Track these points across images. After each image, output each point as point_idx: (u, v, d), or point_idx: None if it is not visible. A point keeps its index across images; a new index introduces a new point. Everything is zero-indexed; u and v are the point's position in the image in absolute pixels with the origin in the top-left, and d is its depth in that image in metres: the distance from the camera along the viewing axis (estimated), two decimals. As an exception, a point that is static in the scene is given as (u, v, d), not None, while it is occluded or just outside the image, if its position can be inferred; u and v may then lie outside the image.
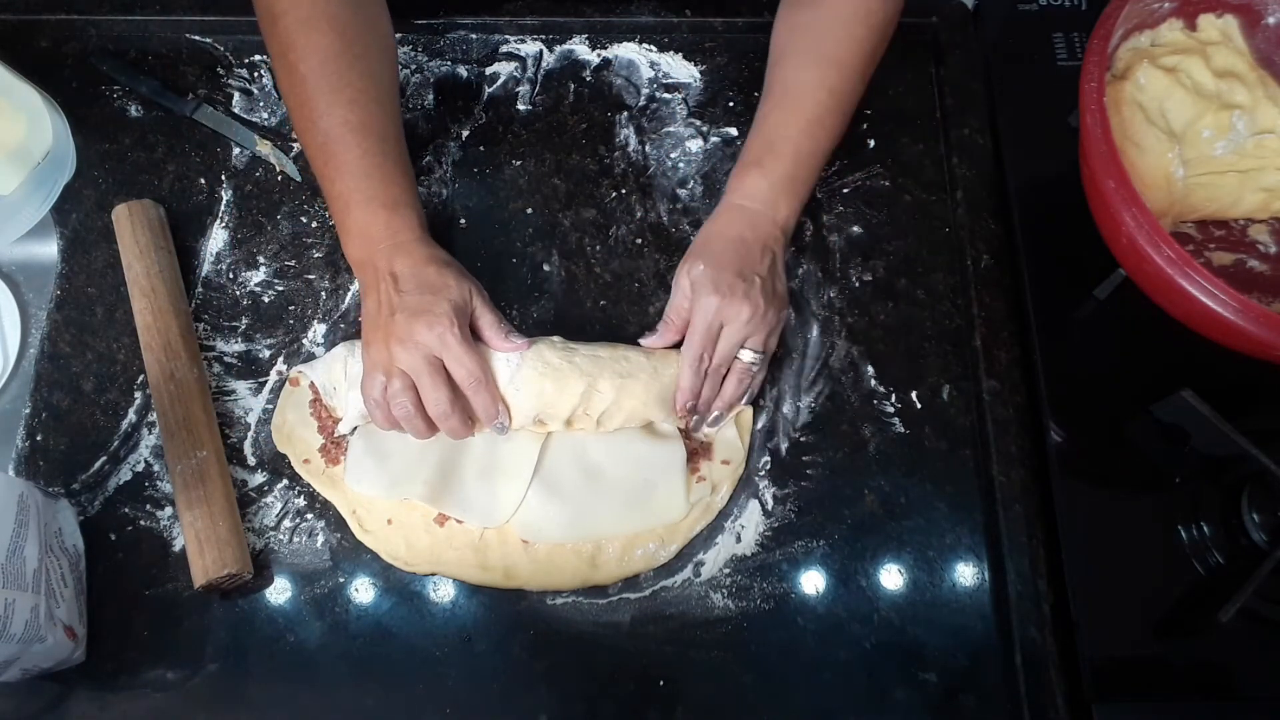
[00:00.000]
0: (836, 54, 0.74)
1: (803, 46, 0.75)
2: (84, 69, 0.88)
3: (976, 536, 0.72)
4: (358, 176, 0.68)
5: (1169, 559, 0.69)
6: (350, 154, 0.68)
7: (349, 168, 0.68)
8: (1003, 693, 0.67)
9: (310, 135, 0.69)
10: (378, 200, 0.68)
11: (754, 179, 0.73)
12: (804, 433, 0.75)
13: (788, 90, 0.75)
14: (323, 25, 0.69)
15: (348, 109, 0.68)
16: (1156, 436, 0.72)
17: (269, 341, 0.78)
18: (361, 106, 0.69)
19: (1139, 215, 0.65)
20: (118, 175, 0.84)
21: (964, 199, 0.82)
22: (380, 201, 0.68)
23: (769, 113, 0.75)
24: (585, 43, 0.89)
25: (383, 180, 0.69)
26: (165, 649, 0.68)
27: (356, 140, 0.68)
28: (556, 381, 0.69)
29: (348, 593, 0.70)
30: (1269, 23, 0.80)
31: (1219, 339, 0.67)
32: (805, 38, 0.75)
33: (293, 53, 0.69)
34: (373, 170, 0.69)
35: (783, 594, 0.70)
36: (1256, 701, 0.65)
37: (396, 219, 0.69)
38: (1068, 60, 0.85)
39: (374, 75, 0.71)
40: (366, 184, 0.68)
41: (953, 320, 0.78)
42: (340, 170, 0.68)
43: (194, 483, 0.69)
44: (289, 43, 0.69)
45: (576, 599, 0.70)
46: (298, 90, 0.69)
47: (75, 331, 0.78)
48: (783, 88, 0.75)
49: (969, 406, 0.75)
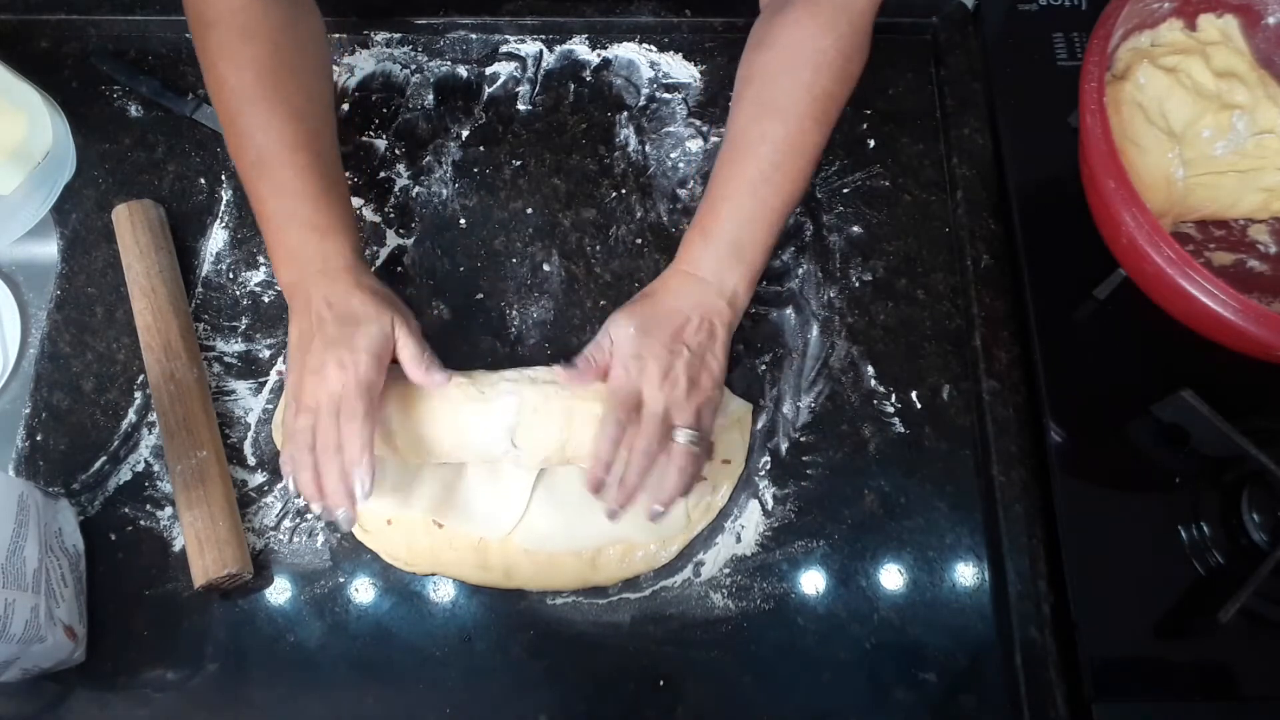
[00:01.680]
0: (782, 102, 0.68)
1: (749, 96, 0.70)
2: (84, 69, 0.88)
3: (976, 536, 0.72)
4: (290, 197, 0.65)
5: (1169, 559, 0.69)
6: (284, 173, 0.65)
7: (282, 187, 0.65)
8: (1003, 693, 0.67)
9: (243, 151, 0.67)
10: (309, 223, 0.65)
11: (699, 247, 0.68)
12: (804, 433, 0.75)
13: (733, 143, 0.70)
14: (257, 37, 0.66)
15: (283, 125, 0.66)
16: (1156, 436, 0.72)
17: (269, 341, 0.78)
18: (296, 123, 0.66)
19: (1139, 215, 0.65)
20: (118, 175, 0.84)
21: (964, 199, 0.82)
22: (312, 225, 0.66)
23: (717, 169, 0.70)
24: (585, 43, 0.89)
25: (315, 202, 0.66)
26: (165, 649, 0.68)
27: (290, 158, 0.65)
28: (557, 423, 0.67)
29: (348, 593, 0.70)
30: (1269, 23, 0.80)
31: (1219, 339, 0.67)
32: (753, 87, 0.70)
33: (224, 63, 0.66)
34: (306, 191, 0.66)
35: (783, 594, 0.70)
36: (1256, 701, 0.65)
37: (328, 244, 0.66)
38: (1068, 60, 0.85)
39: (309, 91, 0.69)
40: (299, 205, 0.65)
41: (953, 320, 0.78)
42: (273, 189, 0.66)
43: (194, 483, 0.69)
44: (221, 53, 0.66)
45: (576, 599, 0.70)
46: (230, 103, 0.67)
47: (75, 331, 0.78)
48: (730, 144, 0.70)
49: (969, 406, 0.75)
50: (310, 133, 0.67)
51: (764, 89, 0.70)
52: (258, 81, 0.66)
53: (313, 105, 0.69)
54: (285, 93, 0.67)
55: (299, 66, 0.69)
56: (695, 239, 0.69)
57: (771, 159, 0.68)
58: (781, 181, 0.68)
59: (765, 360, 0.77)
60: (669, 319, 0.66)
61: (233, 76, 0.66)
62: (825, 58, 0.69)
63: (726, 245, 0.67)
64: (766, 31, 0.72)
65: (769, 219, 0.68)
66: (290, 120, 0.66)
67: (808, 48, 0.69)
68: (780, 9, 0.72)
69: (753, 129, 0.69)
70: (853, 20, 0.70)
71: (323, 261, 0.66)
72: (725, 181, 0.69)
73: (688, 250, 0.69)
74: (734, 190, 0.68)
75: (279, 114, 0.66)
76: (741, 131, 0.69)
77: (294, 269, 0.66)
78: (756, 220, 0.68)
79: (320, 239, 0.66)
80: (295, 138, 0.66)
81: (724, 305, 0.67)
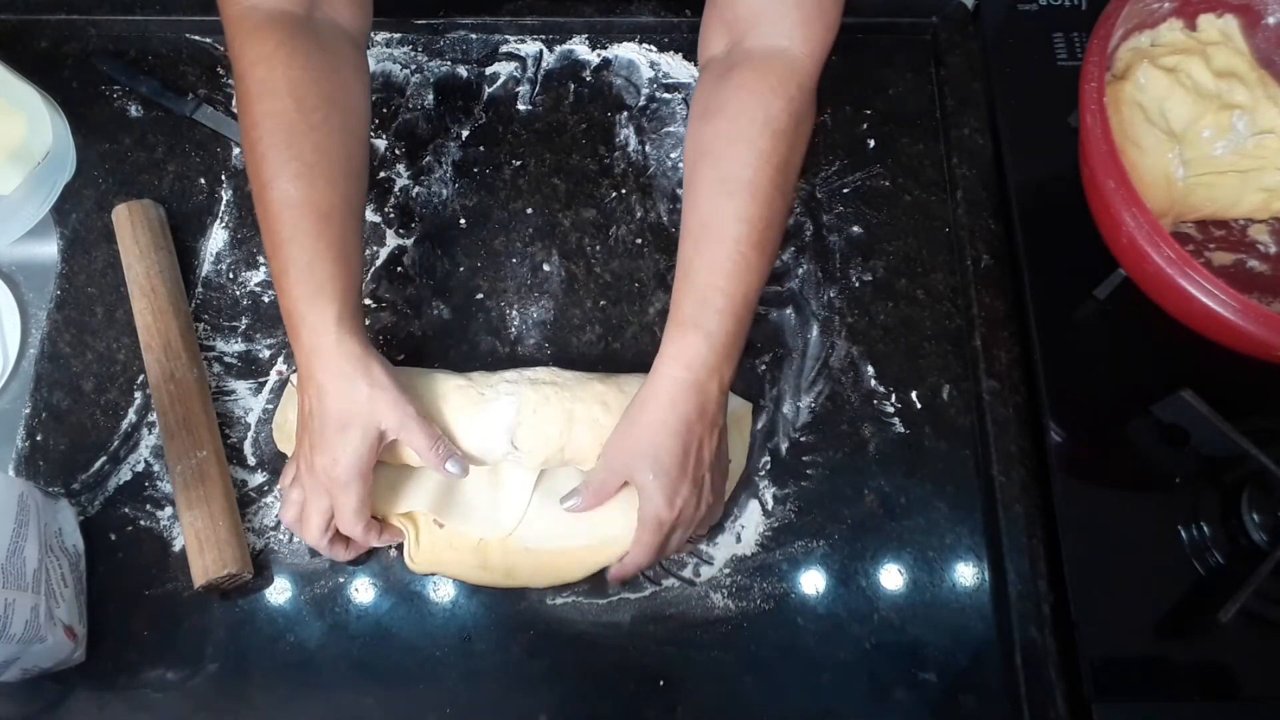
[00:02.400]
0: (744, 175, 0.65)
1: (709, 172, 0.66)
2: (84, 69, 0.88)
3: (976, 536, 0.72)
4: (285, 259, 0.63)
5: (1169, 559, 0.69)
6: (283, 233, 0.63)
7: (280, 249, 0.64)
8: (1003, 693, 0.67)
9: (258, 205, 0.66)
10: (297, 290, 0.63)
11: (695, 343, 0.63)
12: (804, 433, 0.75)
13: (705, 227, 0.65)
14: (280, 90, 0.64)
15: (290, 183, 0.63)
16: (1156, 436, 0.72)
17: (269, 341, 0.78)
18: (306, 182, 0.64)
19: (1139, 215, 0.65)
20: (118, 175, 0.84)
21: (964, 199, 0.82)
22: (299, 292, 0.63)
23: (692, 257, 0.65)
24: (585, 43, 0.89)
25: (307, 267, 0.63)
26: (165, 649, 0.68)
27: (291, 218, 0.63)
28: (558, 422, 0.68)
29: (348, 593, 0.70)
30: (1269, 23, 0.80)
31: (1219, 339, 0.67)
32: (709, 161, 0.66)
33: (246, 117, 0.65)
34: (299, 255, 0.63)
35: (783, 594, 0.70)
36: (1256, 701, 0.65)
37: (313, 313, 0.63)
38: (1068, 60, 0.85)
39: (327, 149, 0.65)
40: (291, 269, 0.63)
41: (953, 320, 0.78)
42: (275, 249, 0.64)
43: (194, 483, 0.69)
44: (245, 106, 0.65)
45: (576, 599, 0.70)
46: (250, 156, 0.65)
47: (75, 331, 0.78)
48: (700, 224, 0.66)
49: (969, 406, 0.75)
50: (318, 191, 0.64)
51: (722, 162, 0.66)
52: (271, 137, 0.64)
53: (328, 162, 0.65)
54: (300, 149, 0.64)
55: (319, 122, 0.65)
56: (688, 335, 0.64)
57: (750, 239, 0.64)
58: (759, 260, 0.65)
59: (765, 360, 0.77)
60: (683, 446, 0.63)
61: (251, 131, 0.65)
62: (780, 124, 0.65)
63: (724, 336, 0.64)
64: (712, 97, 0.68)
65: (754, 300, 0.65)
66: (299, 178, 0.64)
67: (760, 115, 0.65)
68: (725, 74, 0.68)
69: (724, 209, 0.65)
70: (801, 83, 0.67)
71: (310, 332, 0.63)
72: (709, 270, 0.64)
73: (680, 349, 0.64)
74: (720, 278, 0.64)
75: (288, 171, 0.64)
76: (711, 212, 0.65)
77: (291, 333, 0.65)
78: (746, 304, 0.65)
79: (306, 307, 0.63)
80: (302, 197, 0.64)
81: (721, 399, 0.65)
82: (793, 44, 0.67)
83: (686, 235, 0.66)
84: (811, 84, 0.68)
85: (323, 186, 0.64)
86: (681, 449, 0.63)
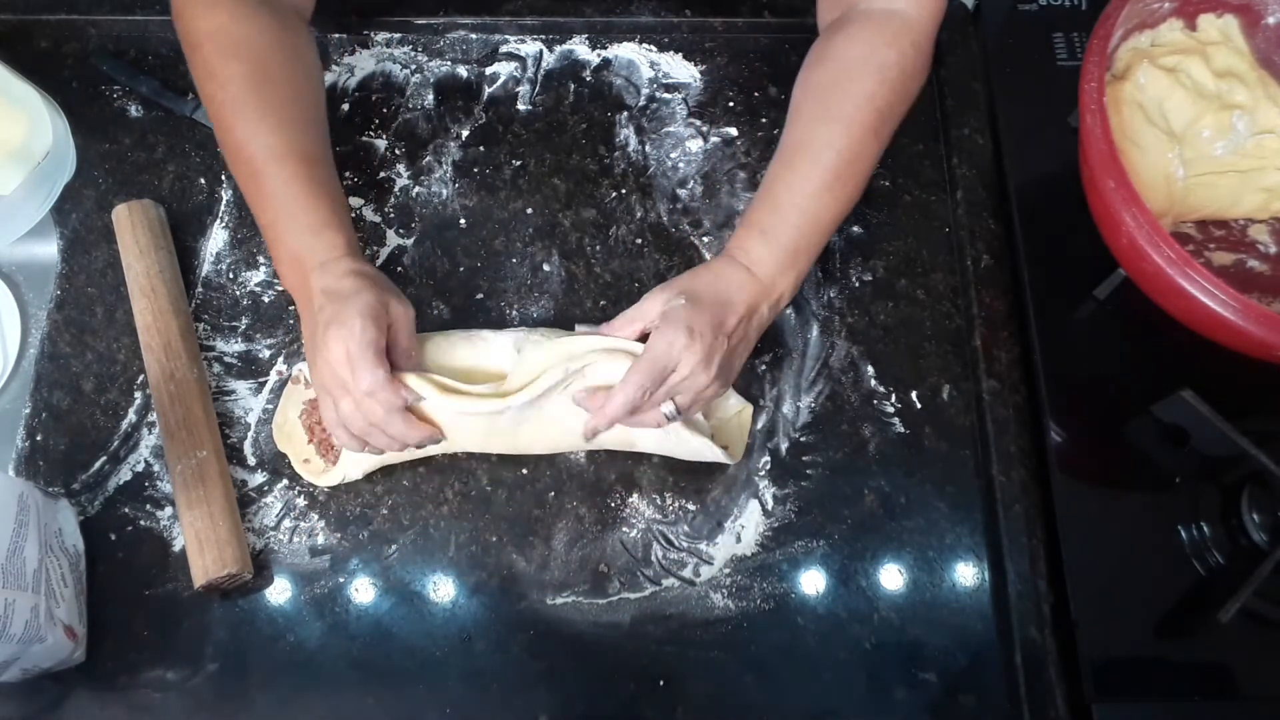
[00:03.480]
0: (847, 110, 0.69)
1: (812, 106, 0.71)
2: (84, 69, 0.88)
3: (976, 536, 0.72)
4: (283, 203, 0.67)
5: (1169, 559, 0.69)
6: (275, 181, 0.67)
7: (275, 196, 0.67)
8: (1003, 693, 0.67)
9: (236, 164, 0.69)
10: (302, 225, 0.67)
11: (757, 245, 0.67)
12: (804, 433, 0.75)
13: (796, 147, 0.70)
14: (241, 53, 0.68)
15: (270, 135, 0.67)
16: (1156, 436, 0.72)
17: (269, 341, 0.78)
18: (284, 132, 0.68)
19: (1139, 215, 0.65)
20: (118, 175, 0.84)
21: (964, 199, 0.82)
22: (304, 226, 0.67)
23: (777, 170, 0.70)
24: (585, 43, 0.89)
25: (307, 205, 0.67)
26: (165, 649, 0.68)
27: (280, 167, 0.67)
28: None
29: (348, 593, 0.70)
30: (1269, 23, 0.80)
31: (1219, 339, 0.67)
32: (814, 97, 0.71)
33: (212, 81, 0.68)
34: (297, 196, 0.67)
35: (783, 594, 0.70)
36: (1256, 701, 0.65)
37: (320, 242, 0.67)
38: (1068, 60, 0.85)
39: (296, 99, 0.70)
40: (292, 210, 0.67)
41: (953, 320, 0.78)
42: (267, 197, 0.67)
43: (194, 483, 0.69)
44: (209, 71, 0.68)
45: (577, 599, 0.70)
46: (220, 118, 0.68)
47: (75, 331, 0.78)
48: (790, 147, 0.70)
49: (969, 406, 0.76)
50: (298, 139, 0.68)
51: (827, 96, 0.70)
52: (242, 95, 0.68)
53: (301, 111, 0.70)
54: (273, 103, 0.68)
55: (285, 77, 0.70)
56: (754, 236, 0.68)
57: (834, 167, 0.68)
58: (840, 191, 0.68)
59: (765, 360, 0.77)
60: (718, 303, 0.65)
61: (219, 93, 0.68)
62: (888, 73, 0.69)
63: (785, 249, 0.67)
64: (827, 47, 0.73)
65: (825, 228, 0.69)
66: (278, 129, 0.67)
67: (872, 62, 0.69)
68: (842, 26, 0.72)
69: (818, 135, 0.69)
70: (916, 40, 0.71)
71: (317, 257, 0.66)
72: (788, 185, 0.69)
73: (744, 244, 0.68)
74: (798, 195, 0.68)
75: (266, 124, 0.67)
76: (805, 136, 0.70)
77: (295, 271, 0.67)
78: (815, 228, 0.68)
79: (313, 239, 0.66)
80: (283, 145, 0.67)
81: (767, 307, 0.68)
82: (908, 6, 0.71)
83: (776, 157, 0.71)
84: (926, 44, 0.71)
85: (302, 135, 0.69)
86: (719, 304, 0.65)
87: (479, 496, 0.73)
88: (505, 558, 0.71)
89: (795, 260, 0.68)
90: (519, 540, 0.71)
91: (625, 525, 0.72)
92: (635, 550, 0.71)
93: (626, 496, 0.73)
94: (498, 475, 0.73)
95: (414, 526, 0.72)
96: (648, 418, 0.66)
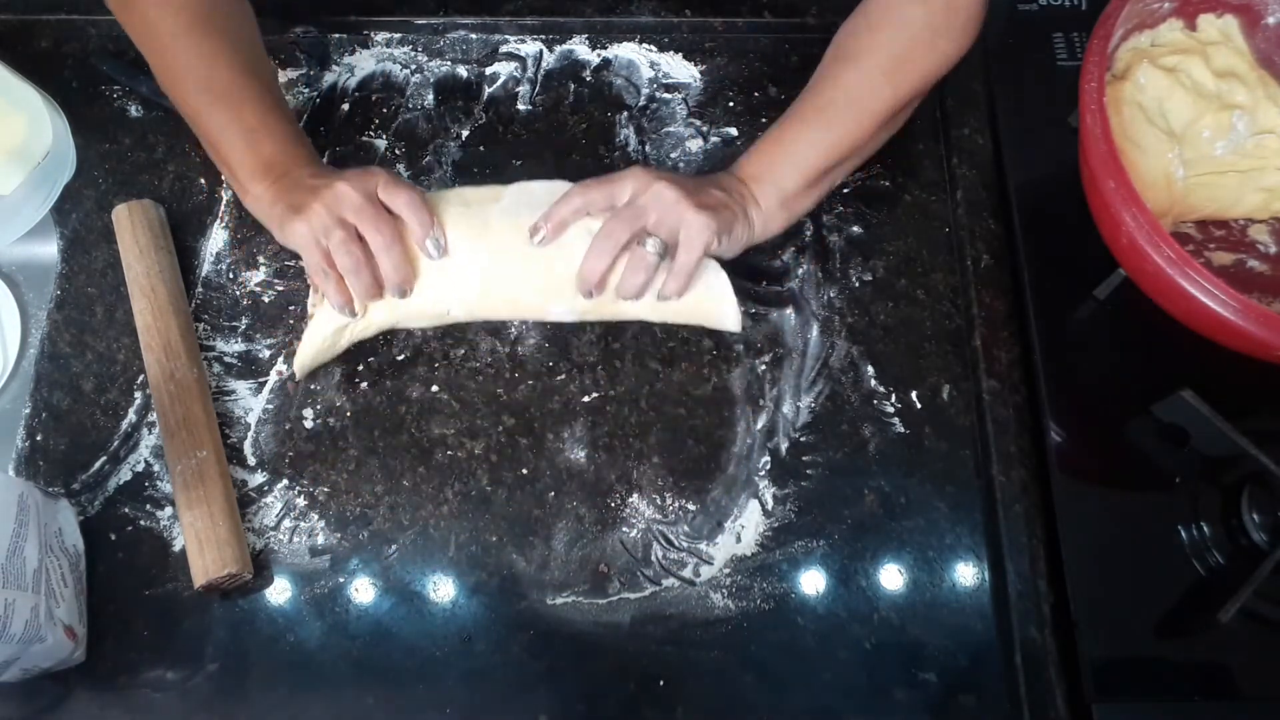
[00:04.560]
0: (855, 50, 0.72)
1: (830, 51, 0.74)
2: (84, 69, 0.88)
3: (976, 536, 0.72)
4: (261, 114, 0.70)
5: (1169, 559, 0.69)
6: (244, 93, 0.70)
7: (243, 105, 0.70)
8: (1003, 693, 0.67)
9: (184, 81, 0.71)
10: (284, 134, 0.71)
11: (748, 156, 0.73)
12: (804, 433, 0.75)
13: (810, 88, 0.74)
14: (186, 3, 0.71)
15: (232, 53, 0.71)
16: (1156, 436, 0.72)
17: (269, 341, 0.78)
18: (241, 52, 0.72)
19: (1139, 215, 0.65)
20: (118, 175, 0.84)
21: (964, 199, 0.82)
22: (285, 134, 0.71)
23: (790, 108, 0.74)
24: (585, 43, 0.89)
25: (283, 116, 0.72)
26: (165, 649, 0.68)
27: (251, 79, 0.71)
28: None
29: (348, 593, 0.70)
30: (1269, 23, 0.80)
31: (1219, 339, 0.67)
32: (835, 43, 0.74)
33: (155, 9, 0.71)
34: (273, 108, 0.71)
35: (783, 594, 0.70)
36: (1256, 701, 0.65)
37: (303, 150, 0.72)
38: (1068, 60, 0.85)
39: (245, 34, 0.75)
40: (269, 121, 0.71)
41: (953, 320, 0.78)
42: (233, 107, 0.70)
43: (194, 483, 0.69)
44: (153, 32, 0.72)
45: (577, 599, 0.70)
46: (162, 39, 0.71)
47: (75, 331, 0.78)
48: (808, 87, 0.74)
49: (969, 406, 0.76)
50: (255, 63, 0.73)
51: (843, 41, 0.74)
52: (193, 19, 0.71)
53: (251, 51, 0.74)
54: (223, 29, 0.72)
55: (231, 13, 0.74)
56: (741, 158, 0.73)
57: (830, 95, 0.72)
58: (836, 117, 0.71)
59: (765, 360, 0.77)
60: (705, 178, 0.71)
61: (168, 18, 0.71)
62: (911, 26, 0.71)
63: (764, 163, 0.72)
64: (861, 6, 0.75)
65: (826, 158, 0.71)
66: (236, 50, 0.72)
67: (894, 14, 0.72)
68: None
69: (824, 74, 0.73)
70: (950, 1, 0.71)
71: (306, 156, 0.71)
72: (784, 116, 0.73)
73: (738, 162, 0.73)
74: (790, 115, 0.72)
75: (225, 45, 0.71)
76: (813, 79, 0.74)
77: (269, 176, 0.70)
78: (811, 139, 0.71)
79: (296, 144, 0.71)
80: (245, 64, 0.71)
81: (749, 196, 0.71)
82: None
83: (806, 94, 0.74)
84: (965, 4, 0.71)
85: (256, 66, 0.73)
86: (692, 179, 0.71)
87: (479, 496, 0.73)
88: (505, 558, 0.71)
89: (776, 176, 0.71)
90: (519, 540, 0.71)
91: (625, 525, 0.72)
92: (635, 550, 0.71)
93: (626, 496, 0.73)
94: (498, 475, 0.73)
95: (414, 526, 0.72)
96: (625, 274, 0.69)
